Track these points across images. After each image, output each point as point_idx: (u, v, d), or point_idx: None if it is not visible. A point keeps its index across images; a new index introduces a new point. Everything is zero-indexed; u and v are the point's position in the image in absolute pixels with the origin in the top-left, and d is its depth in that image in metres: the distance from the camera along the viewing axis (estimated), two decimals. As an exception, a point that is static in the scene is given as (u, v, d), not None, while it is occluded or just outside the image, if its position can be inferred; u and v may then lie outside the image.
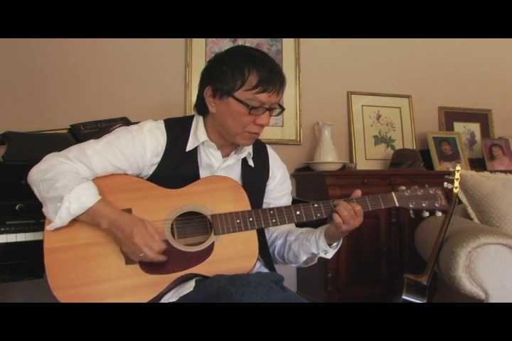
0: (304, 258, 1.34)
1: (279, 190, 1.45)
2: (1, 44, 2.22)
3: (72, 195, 1.14)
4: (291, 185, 1.51)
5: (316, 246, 1.29)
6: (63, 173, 1.17)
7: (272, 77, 1.23)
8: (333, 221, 1.24)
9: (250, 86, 1.21)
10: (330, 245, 1.30)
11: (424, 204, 1.33)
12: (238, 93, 1.22)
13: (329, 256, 1.32)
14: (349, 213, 1.23)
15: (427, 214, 1.34)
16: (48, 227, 1.17)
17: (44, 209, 1.19)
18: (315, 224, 1.37)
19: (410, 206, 1.33)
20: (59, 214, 1.14)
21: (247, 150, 1.36)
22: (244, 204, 1.26)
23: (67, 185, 1.15)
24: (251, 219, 1.23)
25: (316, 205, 1.27)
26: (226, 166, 1.34)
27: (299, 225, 1.40)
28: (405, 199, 1.33)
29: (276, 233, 1.42)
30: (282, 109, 1.31)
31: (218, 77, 1.24)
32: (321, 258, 1.35)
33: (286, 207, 1.28)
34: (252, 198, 1.29)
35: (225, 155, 1.36)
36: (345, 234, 1.28)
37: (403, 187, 1.35)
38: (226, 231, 1.22)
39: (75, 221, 1.17)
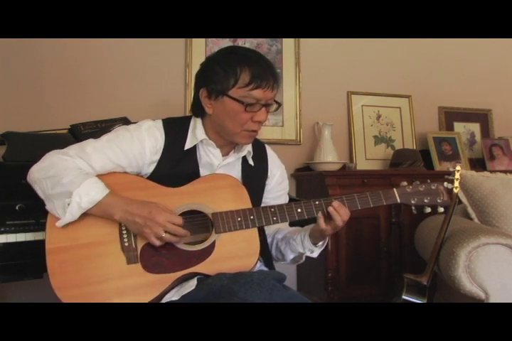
0: (291, 256, 1.38)
1: (277, 190, 1.46)
2: (1, 44, 2.22)
3: (81, 190, 1.15)
4: (291, 185, 1.51)
5: (302, 246, 1.33)
6: (67, 169, 1.18)
7: (265, 73, 1.23)
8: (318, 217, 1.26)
9: (243, 83, 1.22)
10: (315, 244, 1.32)
11: (426, 200, 1.31)
12: (232, 91, 1.23)
13: (315, 255, 1.36)
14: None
15: (428, 209, 1.32)
16: (58, 223, 1.17)
17: (49, 207, 1.19)
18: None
19: (412, 202, 1.31)
20: (69, 209, 1.15)
21: (247, 149, 1.36)
22: (245, 203, 1.26)
23: (73, 180, 1.16)
24: (252, 217, 1.23)
25: (317, 202, 1.27)
26: (226, 164, 1.34)
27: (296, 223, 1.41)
28: (407, 196, 1.31)
29: (265, 232, 1.43)
30: (279, 104, 1.31)
31: (211, 77, 1.25)
32: (309, 257, 1.38)
33: (287, 205, 1.28)
34: (251, 197, 1.29)
35: (225, 154, 1.36)
36: (329, 234, 1.30)
37: (404, 183, 1.33)
38: (227, 230, 1.22)
39: (76, 220, 1.17)
